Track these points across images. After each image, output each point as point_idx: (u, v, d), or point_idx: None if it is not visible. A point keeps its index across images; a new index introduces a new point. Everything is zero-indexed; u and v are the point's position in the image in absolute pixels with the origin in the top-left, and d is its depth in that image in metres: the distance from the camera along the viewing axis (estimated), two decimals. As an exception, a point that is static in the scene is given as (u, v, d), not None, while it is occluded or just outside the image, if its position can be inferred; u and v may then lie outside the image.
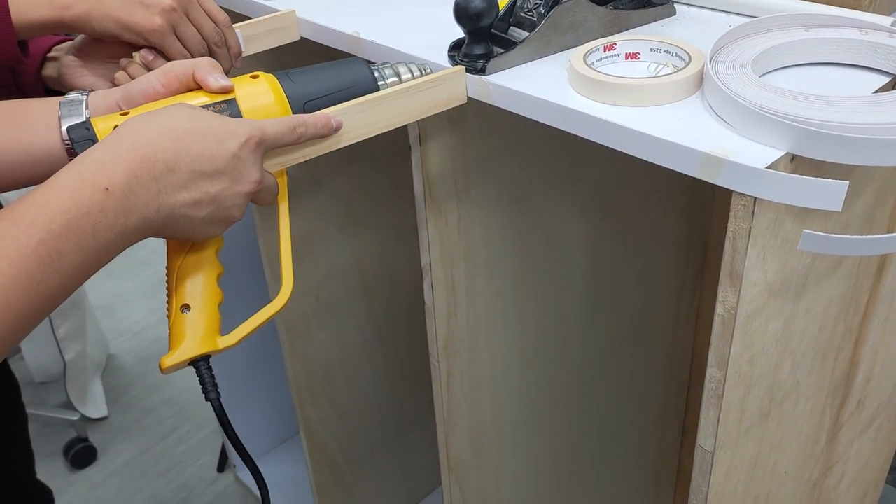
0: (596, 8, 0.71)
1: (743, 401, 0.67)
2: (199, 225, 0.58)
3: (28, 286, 0.48)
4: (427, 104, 0.69)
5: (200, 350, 0.63)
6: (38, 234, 0.49)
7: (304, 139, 0.63)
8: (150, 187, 0.54)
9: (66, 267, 0.50)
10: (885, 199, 0.72)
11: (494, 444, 1.06)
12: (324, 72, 0.67)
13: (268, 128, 0.60)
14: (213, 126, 0.58)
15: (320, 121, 0.64)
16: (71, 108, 0.64)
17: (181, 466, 1.91)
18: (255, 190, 0.60)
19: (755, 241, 0.56)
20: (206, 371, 0.64)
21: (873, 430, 1.05)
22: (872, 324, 0.85)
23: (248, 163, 0.59)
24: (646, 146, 0.57)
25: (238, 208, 0.60)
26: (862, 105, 0.53)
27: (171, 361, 0.62)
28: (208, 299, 0.63)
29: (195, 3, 0.77)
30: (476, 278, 0.91)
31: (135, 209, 0.53)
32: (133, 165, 0.53)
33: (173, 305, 0.63)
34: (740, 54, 0.59)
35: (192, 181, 0.56)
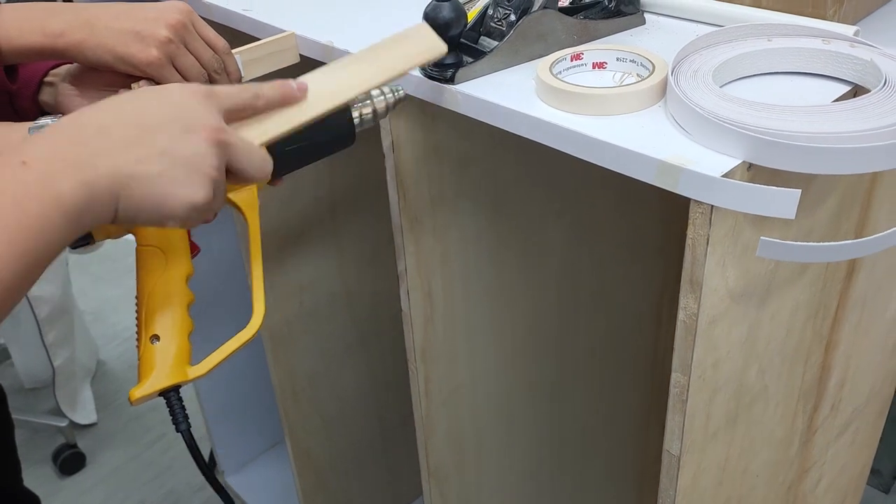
0: (564, 18, 0.72)
1: (708, 405, 0.67)
2: (160, 183, 0.52)
3: None
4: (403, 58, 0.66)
5: (170, 381, 0.62)
6: None
7: (262, 100, 0.60)
8: (79, 152, 0.50)
9: None
10: (851, 206, 0.73)
11: (474, 448, 1.06)
12: None
13: (218, 87, 0.58)
14: (157, 89, 0.56)
15: (276, 83, 0.61)
16: (43, 122, 0.63)
17: (169, 473, 1.92)
18: (217, 138, 0.55)
19: (714, 249, 0.56)
20: (176, 402, 0.63)
21: (850, 434, 1.06)
22: (844, 329, 0.86)
23: (198, 108, 0.55)
24: (606, 154, 0.58)
25: (203, 158, 0.54)
26: (818, 114, 0.54)
27: (141, 393, 0.61)
28: (178, 329, 0.63)
29: (192, 31, 0.75)
30: (453, 284, 0.92)
31: (63, 174, 0.49)
32: (56, 137, 0.51)
33: (142, 336, 0.62)
34: (703, 64, 0.60)
35: (132, 137, 0.52)
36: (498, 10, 0.72)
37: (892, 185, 0.78)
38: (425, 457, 1.00)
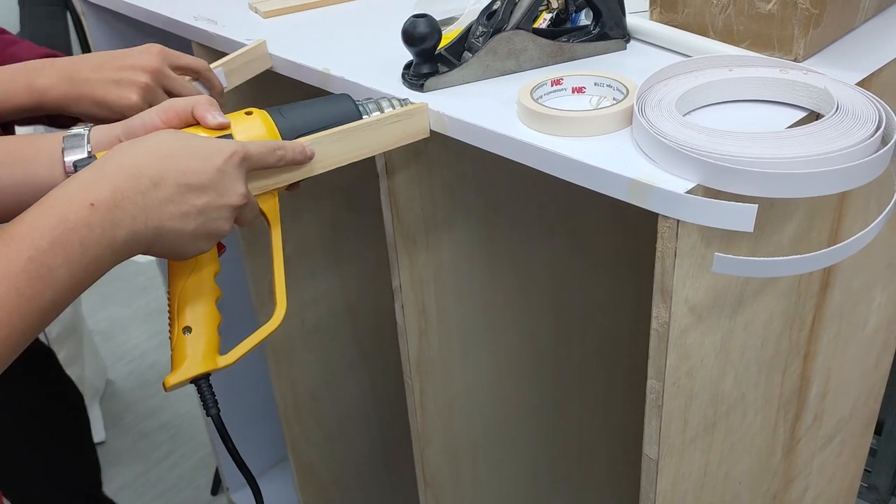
0: (537, 39, 0.77)
1: (685, 411, 0.71)
2: (188, 239, 0.61)
3: (20, 303, 0.51)
4: (392, 137, 0.74)
5: (201, 369, 0.67)
6: (26, 251, 0.52)
7: (283, 162, 0.67)
8: (136, 201, 0.57)
9: (56, 282, 0.53)
10: (820, 223, 0.76)
11: (470, 460, 1.10)
12: (312, 107, 0.72)
13: (251, 147, 0.64)
14: (198, 143, 0.62)
15: (297, 147, 0.68)
16: (74, 142, 0.68)
17: (176, 490, 1.95)
18: (241, 203, 0.63)
19: (682, 261, 0.60)
20: (206, 388, 0.69)
21: (836, 445, 1.09)
22: (822, 340, 0.89)
23: (233, 177, 0.62)
24: (581, 173, 0.62)
25: (225, 221, 0.63)
26: (771, 140, 0.58)
27: (175, 380, 0.67)
28: (208, 321, 0.68)
29: (167, 72, 0.80)
30: (446, 299, 0.95)
31: (122, 222, 0.56)
32: (118, 182, 0.56)
33: (175, 328, 0.67)
34: (667, 93, 0.65)
35: (178, 195, 0.59)
36: (478, 27, 0.78)
37: (862, 200, 0.81)
38: (421, 468, 1.03)
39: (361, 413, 1.46)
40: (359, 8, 1.03)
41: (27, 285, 0.51)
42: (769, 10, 0.73)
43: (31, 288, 0.52)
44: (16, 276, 0.51)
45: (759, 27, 0.74)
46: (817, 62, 0.74)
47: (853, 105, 0.62)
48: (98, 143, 0.69)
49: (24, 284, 0.51)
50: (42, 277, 0.52)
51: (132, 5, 1.10)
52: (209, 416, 0.69)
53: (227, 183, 0.62)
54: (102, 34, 1.26)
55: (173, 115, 0.68)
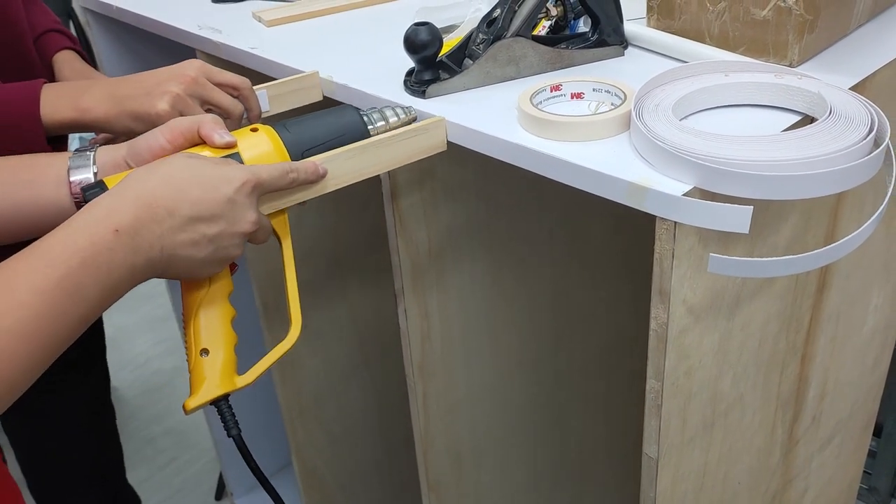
0: (537, 46, 0.78)
1: (684, 410, 0.72)
2: (198, 265, 0.63)
3: (55, 316, 0.54)
4: (408, 151, 0.74)
5: (221, 391, 0.68)
6: (61, 268, 0.54)
7: (296, 184, 0.68)
8: (154, 230, 0.59)
9: (85, 300, 0.56)
10: (816, 224, 0.77)
11: (473, 462, 1.11)
12: (318, 121, 0.72)
13: (262, 173, 0.65)
14: (210, 173, 0.63)
15: (310, 167, 0.69)
16: (79, 161, 0.69)
17: (180, 495, 1.95)
18: (252, 230, 0.65)
19: (679, 262, 0.61)
20: (226, 409, 0.70)
21: (834, 446, 1.10)
22: (819, 342, 0.90)
23: (244, 206, 0.64)
24: (580, 177, 0.64)
25: (236, 248, 0.65)
26: (765, 143, 0.59)
27: (195, 403, 0.67)
28: (225, 342, 0.68)
29: (205, 84, 0.81)
30: (449, 303, 0.97)
31: (141, 249, 0.59)
32: (138, 211, 0.59)
33: (192, 350, 0.68)
34: (664, 98, 0.66)
35: (190, 224, 0.61)
36: (479, 35, 0.79)
37: (858, 203, 0.83)
38: (425, 471, 1.04)
39: (365, 417, 1.47)
40: (361, 16, 1.05)
41: (60, 301, 0.54)
42: (764, 17, 0.74)
43: (64, 304, 0.54)
44: (51, 291, 0.54)
45: (754, 33, 0.76)
46: (812, 67, 0.76)
47: (846, 109, 0.63)
48: (103, 163, 0.70)
49: (58, 299, 0.54)
50: (73, 294, 0.55)
51: (137, 15, 1.11)
52: (230, 437, 0.70)
53: (237, 212, 0.63)
54: (107, 44, 1.28)
55: (178, 135, 0.69)
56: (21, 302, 0.52)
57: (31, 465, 1.38)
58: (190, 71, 0.81)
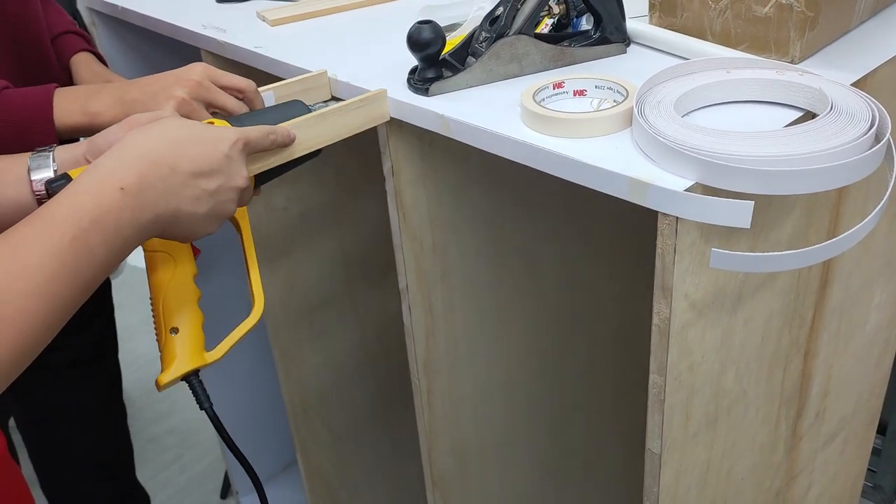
0: (540, 43, 0.79)
1: (687, 406, 0.72)
2: (200, 221, 0.65)
3: (68, 276, 0.56)
4: (357, 121, 0.79)
5: (191, 366, 0.72)
6: (70, 230, 0.56)
7: (274, 145, 0.73)
8: (158, 186, 0.61)
9: (96, 259, 0.58)
10: (818, 219, 0.78)
11: (478, 459, 1.11)
12: (269, 114, 0.77)
13: (250, 133, 0.69)
14: (205, 131, 0.66)
15: (284, 131, 0.74)
16: (39, 161, 0.71)
17: (185, 493, 1.96)
18: (245, 185, 0.68)
19: (681, 257, 0.62)
20: (197, 384, 0.73)
21: (839, 443, 1.10)
22: (822, 338, 0.91)
23: (238, 162, 0.67)
24: (582, 173, 0.64)
25: (232, 203, 0.68)
26: (766, 139, 0.60)
27: (167, 378, 0.71)
28: (193, 321, 0.72)
29: (210, 87, 0.82)
30: (454, 300, 0.97)
31: (147, 206, 0.61)
32: (142, 169, 0.61)
33: (162, 329, 0.71)
34: (666, 95, 0.66)
35: (192, 180, 0.64)
36: (482, 33, 0.80)
37: (860, 199, 0.83)
38: (429, 467, 1.05)
39: (369, 415, 1.47)
40: (364, 15, 1.05)
41: (73, 261, 0.56)
42: (766, 14, 0.74)
43: (76, 264, 0.56)
44: (63, 252, 0.55)
45: (756, 30, 0.76)
46: (813, 64, 0.76)
47: (847, 104, 0.63)
48: (63, 160, 0.72)
49: (70, 260, 0.56)
50: (84, 254, 0.57)
51: (141, 15, 1.12)
52: (202, 410, 0.73)
53: (233, 167, 0.67)
54: (112, 44, 1.29)
55: None
56: (35, 263, 0.54)
57: (43, 463, 1.39)
58: (195, 75, 0.82)
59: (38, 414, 1.34)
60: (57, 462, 1.39)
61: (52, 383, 1.29)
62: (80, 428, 1.36)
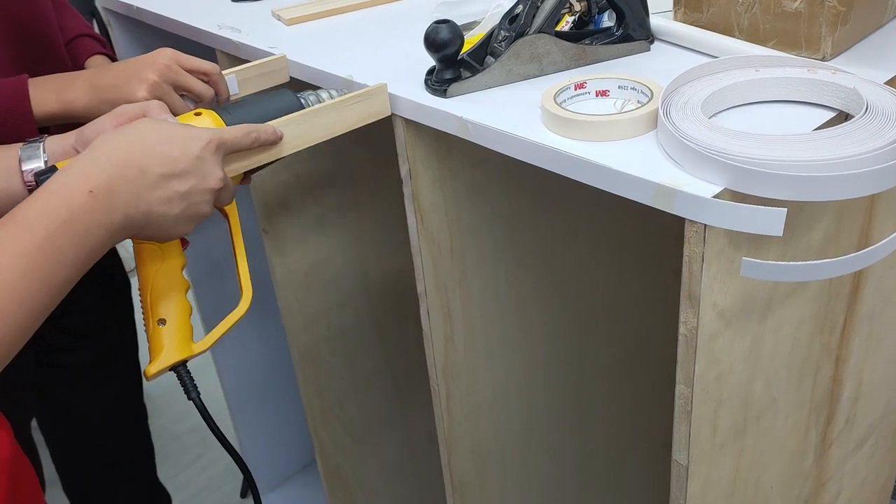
0: (560, 42, 0.76)
1: (714, 416, 0.70)
2: (172, 222, 0.65)
3: (38, 278, 0.56)
4: (354, 117, 0.78)
5: (179, 356, 0.72)
6: (39, 232, 0.56)
7: (257, 144, 0.72)
8: (127, 188, 0.61)
9: (66, 261, 0.58)
10: (849, 224, 0.75)
11: (497, 464, 1.09)
12: (257, 104, 0.76)
13: (225, 133, 0.69)
14: (176, 133, 0.66)
15: (269, 129, 0.73)
16: (30, 152, 0.72)
17: (205, 493, 1.96)
18: (219, 187, 0.67)
19: (709, 265, 0.59)
20: (185, 374, 0.74)
21: (868, 448, 1.07)
22: (853, 343, 0.88)
23: (211, 163, 0.67)
24: (605, 178, 0.62)
25: (206, 204, 0.67)
26: (798, 142, 0.57)
27: (155, 368, 0.71)
28: (181, 312, 0.73)
29: (178, 70, 0.85)
30: (472, 304, 0.95)
31: (116, 208, 0.61)
32: (112, 171, 0.61)
33: (150, 320, 0.72)
34: (692, 95, 0.64)
35: (163, 181, 0.63)
36: (501, 32, 0.77)
37: (892, 197, 0.80)
38: (449, 472, 1.03)
39: (388, 417, 1.46)
40: (380, 14, 1.03)
41: (43, 263, 0.56)
42: (796, 9, 0.72)
43: (47, 265, 0.57)
44: (33, 254, 0.56)
45: (785, 26, 0.73)
46: (845, 61, 0.73)
47: (883, 105, 0.61)
48: (53, 151, 0.72)
49: (40, 262, 0.56)
50: (55, 256, 0.57)
51: (157, 15, 1.11)
52: (190, 400, 0.73)
53: (206, 168, 0.66)
54: (128, 44, 1.28)
55: (126, 120, 0.71)
56: (6, 265, 0.54)
57: (65, 464, 1.40)
58: (163, 59, 0.85)
59: (59, 414, 1.34)
60: (78, 462, 1.39)
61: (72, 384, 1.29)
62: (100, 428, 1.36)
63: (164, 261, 0.71)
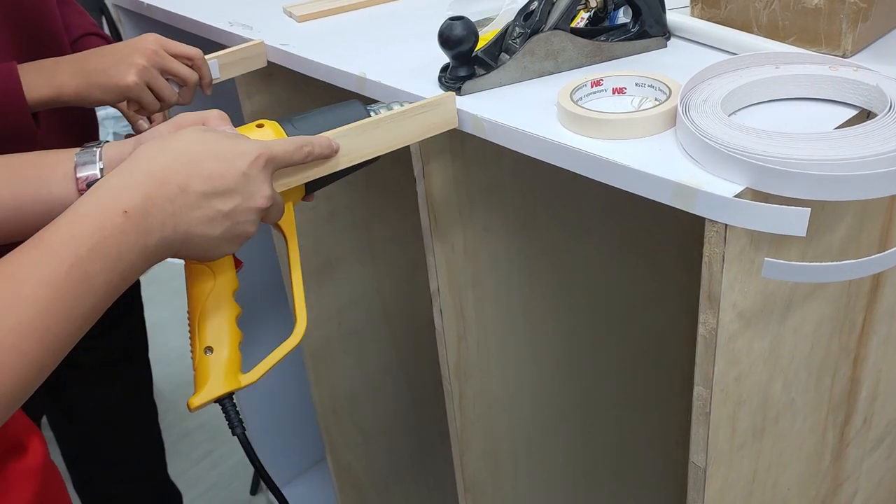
0: (576, 39, 0.75)
1: (733, 418, 0.69)
2: (215, 242, 0.60)
3: (64, 308, 0.51)
4: (418, 128, 0.73)
5: (225, 389, 0.67)
6: (68, 258, 0.52)
7: (310, 158, 0.66)
8: (166, 208, 0.57)
9: (95, 288, 0.53)
10: (870, 222, 0.74)
11: (510, 463, 1.09)
12: (323, 116, 0.71)
13: (276, 146, 0.63)
14: (223, 146, 0.60)
15: (324, 142, 0.67)
16: (86, 157, 0.68)
17: (216, 489, 1.96)
18: (266, 206, 0.62)
19: (730, 266, 0.59)
20: (230, 408, 0.68)
21: (885, 448, 1.06)
22: (872, 342, 0.87)
23: (258, 180, 0.61)
24: (624, 177, 0.61)
25: (251, 224, 0.62)
26: (821, 141, 0.56)
27: (199, 401, 0.66)
28: (229, 340, 0.67)
29: (164, 55, 0.87)
30: (485, 302, 0.94)
31: (153, 229, 0.56)
32: (148, 189, 0.56)
33: (197, 348, 0.66)
34: (712, 93, 0.63)
35: (204, 200, 0.58)
36: (515, 28, 0.77)
37: (915, 200, 0.79)
38: (461, 471, 1.02)
39: (399, 416, 1.46)
40: (393, 11, 1.02)
41: (70, 292, 0.52)
42: (816, 5, 0.71)
43: (74, 294, 0.52)
44: (59, 283, 0.51)
45: (805, 22, 0.72)
46: (865, 58, 0.72)
47: (906, 102, 0.60)
48: (110, 159, 0.69)
49: (67, 291, 0.52)
50: (83, 284, 0.53)
51: (168, 11, 1.10)
52: (234, 436, 0.68)
53: (252, 186, 0.61)
54: (139, 41, 1.27)
55: None
56: (28, 296, 0.50)
57: (76, 462, 1.40)
58: (150, 44, 0.88)
59: (69, 413, 1.34)
60: (88, 461, 1.39)
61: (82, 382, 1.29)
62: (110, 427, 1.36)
63: (215, 283, 0.66)
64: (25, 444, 0.65)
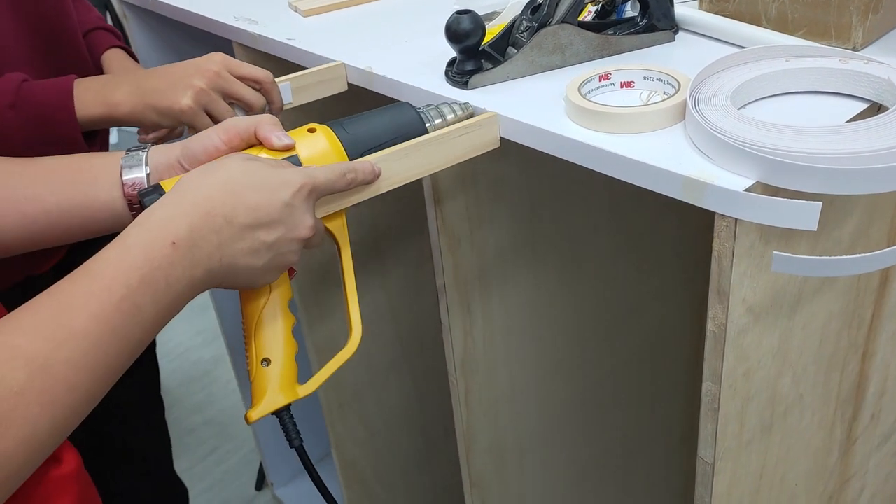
0: (583, 32, 0.75)
1: (741, 413, 0.69)
2: (258, 273, 0.60)
3: (114, 341, 0.51)
4: (461, 149, 0.71)
5: (284, 401, 0.66)
6: (118, 290, 0.52)
7: (353, 185, 0.65)
8: (212, 239, 0.56)
9: (144, 320, 0.53)
10: (880, 216, 0.73)
11: (516, 459, 1.08)
12: (375, 119, 0.70)
13: (319, 175, 0.62)
14: (267, 177, 0.60)
15: (367, 167, 0.66)
16: (132, 161, 0.67)
17: (221, 485, 1.97)
18: (310, 235, 0.62)
19: (739, 261, 0.58)
20: (289, 420, 0.67)
21: (892, 443, 1.06)
22: (881, 338, 0.86)
23: (301, 210, 0.61)
24: (633, 171, 0.61)
25: (294, 254, 0.62)
26: (832, 134, 0.56)
27: (258, 414, 0.66)
28: (286, 351, 0.66)
29: (228, 78, 0.81)
30: (491, 298, 0.94)
31: (199, 261, 0.56)
32: (195, 220, 0.56)
33: (254, 360, 0.66)
34: (721, 86, 0.62)
35: (249, 231, 0.58)
36: (523, 22, 0.76)
37: (925, 195, 0.78)
38: (467, 467, 1.02)
39: (405, 411, 1.46)
40: (399, 5, 1.02)
41: (121, 324, 0.52)
42: (825, -3, 0.70)
43: (124, 326, 0.52)
44: (110, 315, 0.51)
45: (815, 14, 0.72)
46: (876, 50, 0.72)
47: (918, 96, 0.59)
48: (157, 163, 0.68)
49: (117, 323, 0.52)
50: (133, 316, 0.52)
51: (173, 7, 1.10)
52: (293, 448, 0.68)
53: (296, 217, 0.60)
54: (144, 36, 1.27)
55: (235, 136, 0.66)
56: (80, 329, 0.50)
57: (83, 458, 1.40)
58: (213, 65, 0.81)
59: None
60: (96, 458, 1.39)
61: None
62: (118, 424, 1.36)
63: (271, 295, 0.65)
64: (60, 453, 0.66)
